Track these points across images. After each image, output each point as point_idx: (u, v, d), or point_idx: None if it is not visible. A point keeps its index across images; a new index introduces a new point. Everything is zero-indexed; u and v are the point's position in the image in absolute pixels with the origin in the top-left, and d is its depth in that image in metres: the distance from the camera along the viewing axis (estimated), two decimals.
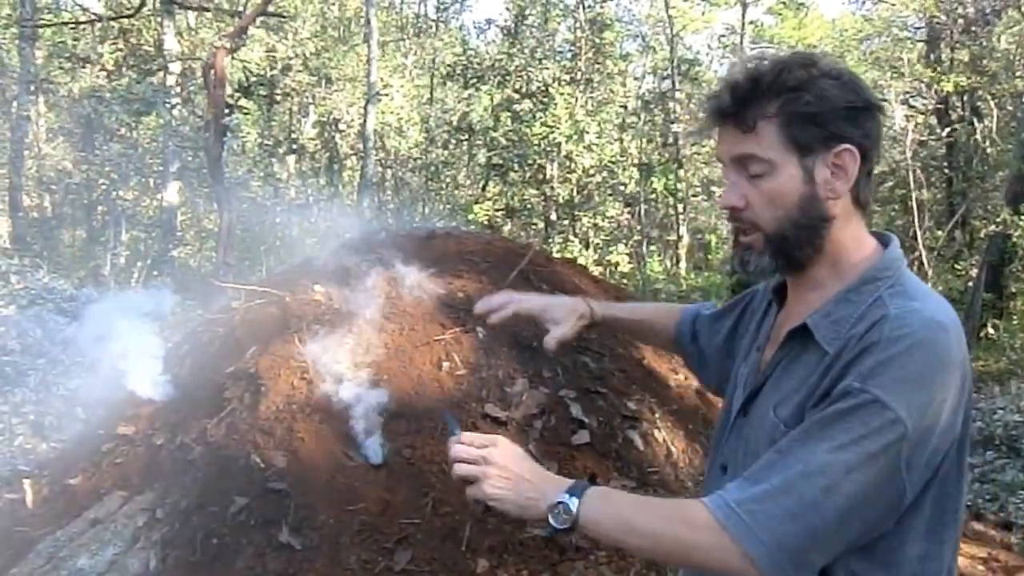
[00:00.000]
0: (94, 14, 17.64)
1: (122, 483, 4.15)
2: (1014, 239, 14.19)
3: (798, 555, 1.44)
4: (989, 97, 16.50)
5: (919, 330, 1.48)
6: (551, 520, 1.55)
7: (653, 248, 22.36)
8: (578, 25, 18.20)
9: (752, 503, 1.47)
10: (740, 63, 1.64)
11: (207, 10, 16.96)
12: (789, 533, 1.43)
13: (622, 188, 18.47)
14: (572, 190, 17.18)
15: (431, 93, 23.97)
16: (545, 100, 16.58)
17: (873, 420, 1.43)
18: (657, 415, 4.63)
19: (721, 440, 1.85)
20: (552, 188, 17.01)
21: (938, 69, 16.03)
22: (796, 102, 1.57)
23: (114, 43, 18.56)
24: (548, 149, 16.49)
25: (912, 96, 18.09)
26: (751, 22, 21.94)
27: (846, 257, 1.65)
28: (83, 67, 18.63)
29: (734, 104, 1.59)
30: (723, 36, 25.07)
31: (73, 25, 18.25)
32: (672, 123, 19.78)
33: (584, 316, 2.16)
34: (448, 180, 21.04)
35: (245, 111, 14.44)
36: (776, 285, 1.85)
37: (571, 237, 17.21)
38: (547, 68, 16.87)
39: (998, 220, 14.27)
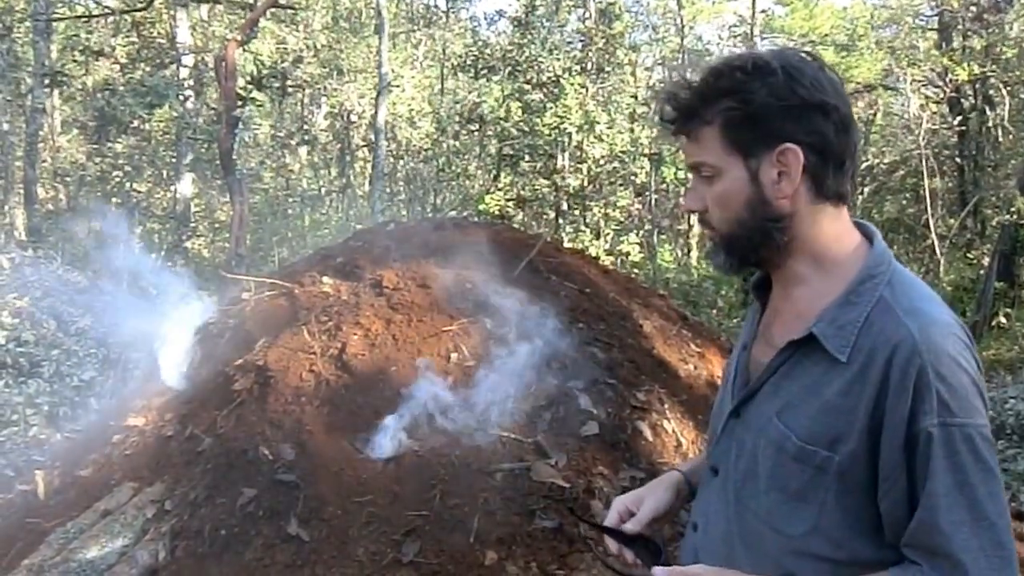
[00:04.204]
0: (107, 7, 17.70)
1: (132, 474, 4.18)
2: None
3: None
4: (1002, 85, 16.38)
5: (948, 342, 1.53)
6: None
7: (664, 238, 22.31)
8: (588, 15, 18.13)
9: None
10: (677, 74, 1.69)
11: (219, 2, 16.96)
12: None
13: (633, 178, 18.42)
14: (583, 180, 17.12)
15: (442, 84, 23.94)
16: (556, 90, 16.53)
17: (976, 442, 1.51)
18: (666, 405, 4.62)
19: (713, 442, 1.85)
20: (563, 178, 16.95)
21: (952, 57, 15.92)
22: (734, 108, 1.59)
23: (127, 36, 18.61)
24: (559, 139, 16.45)
25: (925, 85, 18.00)
26: (762, 11, 21.83)
27: (827, 252, 1.66)
28: (97, 60, 18.69)
29: (677, 115, 1.65)
30: (733, 26, 24.94)
31: (87, 19, 18.30)
32: None
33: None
34: (459, 171, 21.01)
35: (257, 103, 14.44)
36: (757, 282, 1.87)
37: (582, 227, 17.18)
38: (558, 59, 16.81)
39: (1011, 209, 14.20)
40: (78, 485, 4.28)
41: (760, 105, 1.58)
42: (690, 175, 1.71)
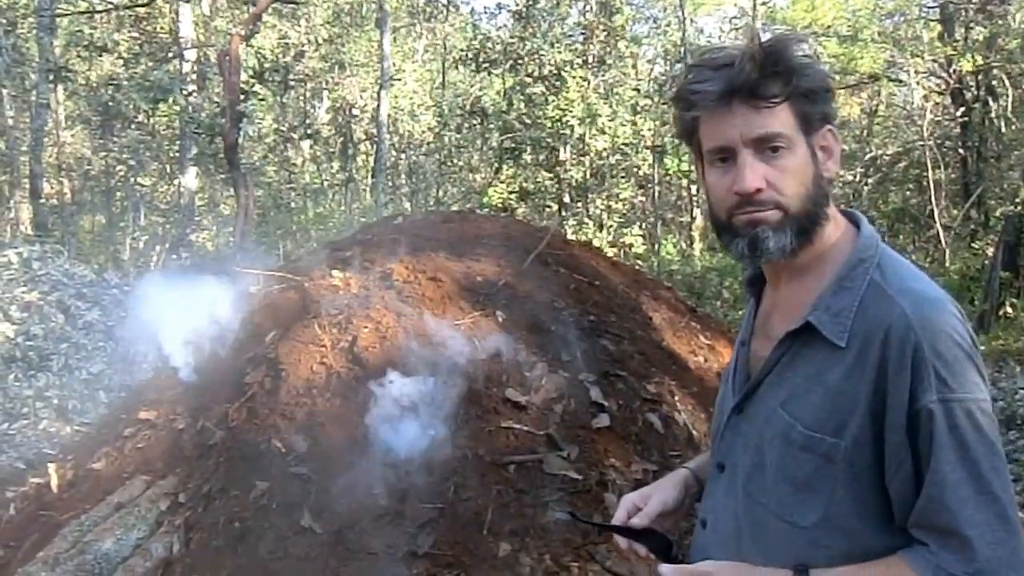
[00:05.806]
0: (110, 2, 17.68)
1: (145, 467, 4.19)
2: None
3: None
4: (1005, 76, 16.32)
5: (941, 318, 1.53)
6: None
7: (667, 229, 22.32)
8: (589, 8, 18.09)
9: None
10: (734, 44, 1.63)
11: None
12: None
13: (635, 170, 18.41)
14: (585, 172, 17.12)
15: (443, 78, 23.94)
16: (557, 83, 16.51)
17: (976, 417, 1.50)
18: (677, 398, 4.64)
19: (716, 438, 1.85)
20: (565, 171, 16.95)
21: (956, 48, 15.86)
22: (806, 79, 1.58)
23: (130, 31, 18.61)
24: (561, 132, 16.43)
25: (928, 76, 17.96)
26: (763, 3, 21.72)
27: (826, 238, 1.66)
28: (100, 55, 18.69)
29: (761, 76, 1.56)
30: (735, 18, 24.88)
31: (90, 13, 18.28)
32: None
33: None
34: (462, 164, 21.00)
35: (260, 97, 14.45)
36: (750, 278, 1.87)
37: (585, 219, 17.17)
38: (559, 52, 16.78)
39: (1016, 200, 14.17)
40: (91, 478, 4.30)
41: (818, 85, 1.60)
42: (745, 151, 1.60)
